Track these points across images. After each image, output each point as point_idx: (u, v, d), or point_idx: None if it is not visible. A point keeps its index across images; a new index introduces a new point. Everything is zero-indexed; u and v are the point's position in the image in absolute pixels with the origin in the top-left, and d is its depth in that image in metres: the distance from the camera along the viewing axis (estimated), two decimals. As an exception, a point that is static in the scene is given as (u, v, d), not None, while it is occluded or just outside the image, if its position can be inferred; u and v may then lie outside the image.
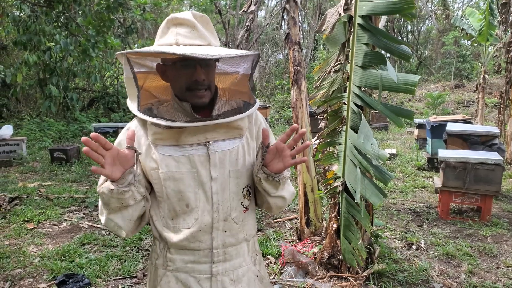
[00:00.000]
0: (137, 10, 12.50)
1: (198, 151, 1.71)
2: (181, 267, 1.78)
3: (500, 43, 13.06)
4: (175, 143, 1.70)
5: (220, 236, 1.76)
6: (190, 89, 1.67)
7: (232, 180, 1.76)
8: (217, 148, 1.73)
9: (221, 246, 1.76)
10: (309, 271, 4.39)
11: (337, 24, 4.06)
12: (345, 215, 4.08)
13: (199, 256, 1.76)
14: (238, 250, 1.82)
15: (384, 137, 15.51)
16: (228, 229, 1.77)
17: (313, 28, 26.34)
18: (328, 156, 4.29)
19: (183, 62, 1.64)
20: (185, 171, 1.70)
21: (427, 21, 33.83)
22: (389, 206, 7.08)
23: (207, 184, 1.71)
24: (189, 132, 1.70)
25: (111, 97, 19.54)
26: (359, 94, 3.82)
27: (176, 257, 1.78)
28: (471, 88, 21.49)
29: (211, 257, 1.76)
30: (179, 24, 1.68)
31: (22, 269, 4.64)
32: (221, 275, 1.78)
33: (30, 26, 9.55)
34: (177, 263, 1.78)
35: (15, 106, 16.95)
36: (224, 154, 1.74)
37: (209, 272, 1.76)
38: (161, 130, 1.68)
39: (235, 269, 1.81)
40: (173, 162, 1.70)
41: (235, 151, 1.77)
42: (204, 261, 1.76)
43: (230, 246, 1.79)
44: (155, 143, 1.71)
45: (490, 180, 6.09)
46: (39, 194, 7.54)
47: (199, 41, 1.67)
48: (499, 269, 4.70)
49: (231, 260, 1.80)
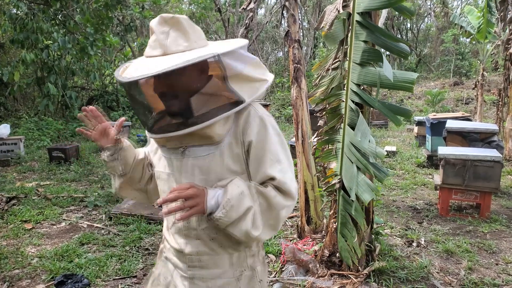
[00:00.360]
0: (136, 7, 12.49)
1: (176, 155, 1.77)
2: (170, 257, 1.92)
3: (499, 41, 13.05)
4: (165, 145, 1.83)
5: (193, 243, 1.78)
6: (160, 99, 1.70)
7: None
8: (192, 154, 1.73)
9: (195, 253, 1.79)
10: (310, 269, 4.38)
11: (336, 22, 4.04)
12: (342, 213, 4.07)
13: (179, 255, 1.84)
14: (215, 260, 1.78)
15: (384, 134, 15.50)
16: (201, 238, 1.77)
17: (313, 26, 26.30)
18: (326, 153, 4.28)
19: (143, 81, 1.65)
20: (168, 172, 1.81)
21: (426, 18, 33.83)
22: (389, 203, 7.07)
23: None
24: (169, 138, 1.75)
25: (110, 95, 19.52)
26: (357, 91, 3.80)
27: (168, 248, 1.94)
28: (470, 86, 21.47)
29: (186, 261, 1.82)
30: (152, 32, 1.67)
31: (20, 269, 4.61)
32: (198, 279, 1.81)
33: (27, 24, 9.51)
34: (168, 253, 1.94)
35: (13, 105, 16.90)
36: (197, 160, 1.72)
37: (186, 273, 1.83)
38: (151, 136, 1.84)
39: (212, 279, 1.79)
40: (162, 163, 1.86)
41: (209, 158, 1.70)
42: (183, 260, 1.83)
43: (205, 254, 1.78)
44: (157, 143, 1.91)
45: (489, 177, 6.09)
46: (37, 194, 7.51)
47: (157, 51, 1.62)
48: (499, 265, 4.70)
49: (208, 268, 1.79)
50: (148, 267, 4.66)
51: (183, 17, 1.66)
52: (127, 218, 6.05)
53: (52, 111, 15.42)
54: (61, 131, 14.84)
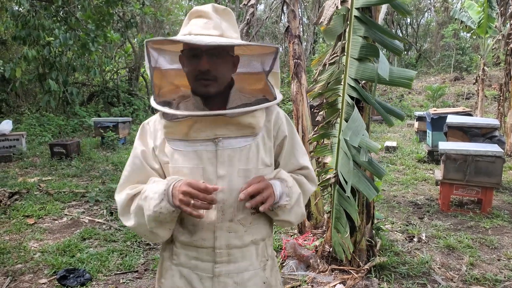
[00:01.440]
0: (137, 4, 12.47)
1: (207, 147, 1.68)
2: (184, 262, 1.76)
3: (499, 35, 13.04)
4: (185, 138, 1.69)
5: (224, 237, 1.70)
6: (196, 78, 1.66)
7: (241, 179, 1.68)
8: (227, 146, 1.68)
9: (225, 247, 1.71)
10: (311, 265, 4.39)
11: (335, 17, 4.04)
12: (337, 207, 4.07)
13: (202, 254, 1.72)
14: (244, 252, 1.75)
15: (385, 129, 15.51)
16: (234, 230, 1.71)
17: (312, 21, 26.25)
18: (322, 148, 4.28)
19: (190, 52, 1.64)
20: (192, 166, 1.68)
21: (426, 13, 33.77)
22: (390, 198, 7.08)
23: (212, 181, 1.66)
24: (198, 127, 1.67)
25: (111, 91, 19.52)
26: (355, 86, 3.79)
27: (181, 252, 1.76)
28: (470, 81, 21.49)
29: (214, 257, 1.71)
30: (198, 16, 1.68)
31: (23, 264, 4.63)
32: (224, 276, 1.73)
33: (29, 21, 9.51)
34: (181, 257, 1.76)
35: (15, 101, 16.93)
36: (234, 151, 1.68)
37: (211, 271, 1.72)
38: (170, 123, 1.68)
39: (240, 272, 1.74)
40: (181, 157, 1.69)
41: (247, 149, 1.70)
42: (207, 259, 1.72)
43: (235, 248, 1.72)
44: (167, 136, 1.72)
45: (490, 172, 6.09)
46: (39, 189, 7.53)
47: (211, 32, 1.63)
48: (500, 261, 4.71)
49: (236, 262, 1.74)
50: (149, 262, 4.68)
51: (231, 11, 1.74)
52: (128, 213, 6.05)
53: (54, 107, 15.43)
54: (62, 127, 14.88)
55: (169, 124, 1.68)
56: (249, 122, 1.69)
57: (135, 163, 1.77)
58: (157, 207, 1.59)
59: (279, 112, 1.85)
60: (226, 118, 1.66)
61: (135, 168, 1.77)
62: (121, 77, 21.99)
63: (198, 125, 1.67)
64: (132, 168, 1.78)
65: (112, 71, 21.12)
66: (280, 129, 1.81)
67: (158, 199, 1.59)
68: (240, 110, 1.66)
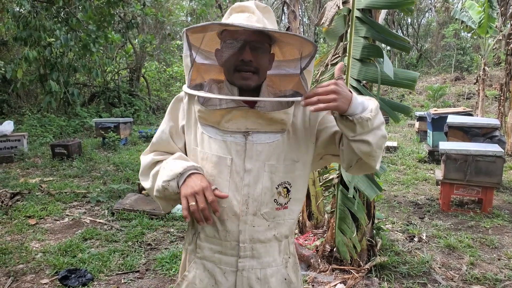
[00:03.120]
0: (138, 5, 12.47)
1: (236, 139, 1.68)
2: (208, 255, 1.77)
3: (500, 35, 13.05)
4: (216, 126, 1.70)
5: (248, 231, 1.70)
6: (237, 69, 1.66)
7: (266, 174, 1.69)
8: (256, 140, 1.68)
9: (249, 241, 1.72)
10: (311, 264, 4.40)
11: (337, 17, 4.05)
12: (341, 208, 4.08)
13: (226, 248, 1.73)
14: (267, 248, 1.76)
15: (385, 129, 15.51)
16: (257, 224, 1.71)
17: (313, 22, 26.26)
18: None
19: (233, 42, 1.64)
20: (221, 155, 1.68)
21: (427, 13, 33.77)
22: (390, 198, 7.09)
23: (239, 174, 1.68)
24: (230, 118, 1.67)
25: (112, 92, 19.53)
26: (357, 87, 3.81)
27: (205, 245, 1.77)
28: (471, 81, 21.49)
29: (238, 251, 1.72)
30: (241, 11, 1.70)
31: (24, 264, 4.64)
32: (247, 271, 1.73)
33: (30, 22, 9.52)
34: (205, 251, 1.77)
35: (16, 101, 16.93)
36: (263, 146, 1.69)
37: (235, 266, 1.73)
38: (204, 108, 1.68)
39: (263, 268, 1.75)
40: (211, 144, 1.70)
41: (275, 145, 1.71)
42: (231, 253, 1.73)
43: (259, 242, 1.73)
44: (200, 120, 1.73)
45: (491, 172, 6.10)
46: (41, 190, 7.55)
47: (255, 24, 1.64)
48: (501, 261, 4.72)
49: (259, 257, 1.75)
50: (151, 262, 4.69)
51: (271, 10, 1.76)
52: (129, 213, 6.08)
53: (55, 108, 15.44)
54: (64, 128, 14.88)
55: (202, 109, 1.68)
56: (282, 118, 1.69)
57: (162, 137, 1.84)
58: (165, 182, 1.65)
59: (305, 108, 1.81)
60: (259, 112, 1.67)
61: (161, 141, 1.85)
62: (122, 77, 22.00)
63: (230, 116, 1.66)
64: (158, 141, 1.85)
65: (113, 72, 21.10)
66: (311, 116, 1.79)
67: (170, 176, 1.64)
68: (279, 99, 1.67)
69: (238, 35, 1.62)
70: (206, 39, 1.75)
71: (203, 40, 1.75)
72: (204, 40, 1.74)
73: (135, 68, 21.50)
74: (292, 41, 1.75)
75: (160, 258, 4.70)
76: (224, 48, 1.69)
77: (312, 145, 1.80)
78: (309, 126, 1.78)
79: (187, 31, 1.65)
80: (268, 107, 1.70)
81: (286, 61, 1.83)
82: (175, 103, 1.84)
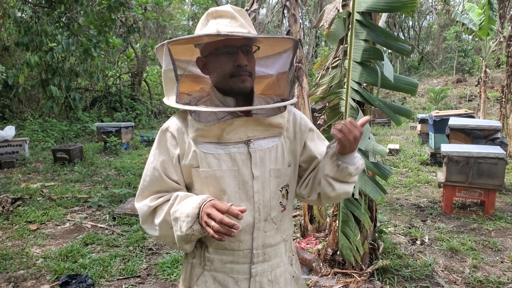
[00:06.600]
0: (139, 9, 12.53)
1: (239, 149, 1.67)
2: (219, 267, 1.74)
3: (501, 38, 13.04)
4: (216, 141, 1.67)
5: (261, 237, 1.72)
6: (233, 75, 1.65)
7: (272, 179, 1.72)
8: (258, 147, 1.70)
9: (261, 247, 1.73)
10: (313, 268, 4.39)
11: (337, 20, 4.05)
12: (344, 211, 4.07)
13: (238, 257, 1.72)
14: (276, 250, 1.79)
15: (387, 132, 15.50)
16: (268, 229, 1.74)
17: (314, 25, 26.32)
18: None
19: (225, 49, 1.63)
20: (226, 169, 1.66)
21: (428, 16, 33.78)
22: (392, 201, 7.07)
23: (248, 183, 1.67)
24: (231, 129, 1.66)
25: (113, 96, 19.58)
26: (358, 89, 3.80)
27: (215, 257, 1.74)
28: (473, 83, 21.49)
29: (251, 258, 1.72)
30: (219, 16, 1.67)
31: (25, 270, 4.64)
32: (259, 275, 1.75)
33: (31, 27, 9.56)
34: (215, 263, 1.74)
35: (18, 106, 16.98)
36: (264, 152, 1.70)
37: (248, 272, 1.73)
38: (203, 126, 1.64)
39: (273, 270, 1.78)
40: (214, 160, 1.66)
41: (275, 149, 1.73)
42: (243, 261, 1.73)
43: (269, 246, 1.76)
44: (197, 140, 1.67)
45: (493, 174, 6.08)
46: (42, 195, 7.55)
47: (239, 30, 1.64)
48: (504, 263, 4.69)
49: (269, 260, 1.77)
50: (152, 267, 4.68)
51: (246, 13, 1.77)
52: (130, 218, 6.08)
53: (56, 113, 15.50)
54: (65, 132, 14.91)
55: (202, 126, 1.64)
56: (279, 122, 1.73)
57: (154, 175, 1.72)
58: (190, 230, 1.56)
59: (295, 111, 1.89)
60: (258, 119, 1.69)
61: (154, 180, 1.73)
62: (123, 82, 22.05)
63: (232, 127, 1.66)
64: (151, 179, 1.73)
65: (115, 76, 21.17)
66: (301, 124, 1.84)
67: (191, 222, 1.55)
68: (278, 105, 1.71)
69: (232, 42, 1.62)
70: (180, 49, 1.73)
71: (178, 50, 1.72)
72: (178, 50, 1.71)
73: (137, 73, 21.56)
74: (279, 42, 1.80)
75: (162, 263, 4.69)
76: (213, 56, 1.67)
77: (300, 150, 1.85)
78: (299, 131, 1.83)
79: (169, 44, 1.62)
80: (264, 112, 1.72)
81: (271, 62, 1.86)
82: (161, 135, 1.75)
